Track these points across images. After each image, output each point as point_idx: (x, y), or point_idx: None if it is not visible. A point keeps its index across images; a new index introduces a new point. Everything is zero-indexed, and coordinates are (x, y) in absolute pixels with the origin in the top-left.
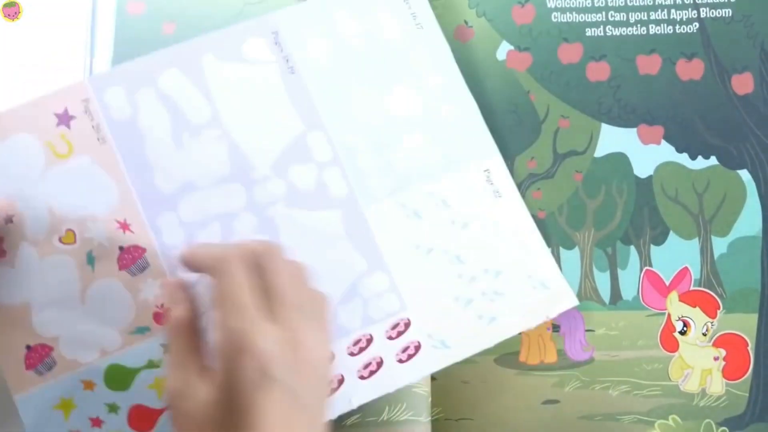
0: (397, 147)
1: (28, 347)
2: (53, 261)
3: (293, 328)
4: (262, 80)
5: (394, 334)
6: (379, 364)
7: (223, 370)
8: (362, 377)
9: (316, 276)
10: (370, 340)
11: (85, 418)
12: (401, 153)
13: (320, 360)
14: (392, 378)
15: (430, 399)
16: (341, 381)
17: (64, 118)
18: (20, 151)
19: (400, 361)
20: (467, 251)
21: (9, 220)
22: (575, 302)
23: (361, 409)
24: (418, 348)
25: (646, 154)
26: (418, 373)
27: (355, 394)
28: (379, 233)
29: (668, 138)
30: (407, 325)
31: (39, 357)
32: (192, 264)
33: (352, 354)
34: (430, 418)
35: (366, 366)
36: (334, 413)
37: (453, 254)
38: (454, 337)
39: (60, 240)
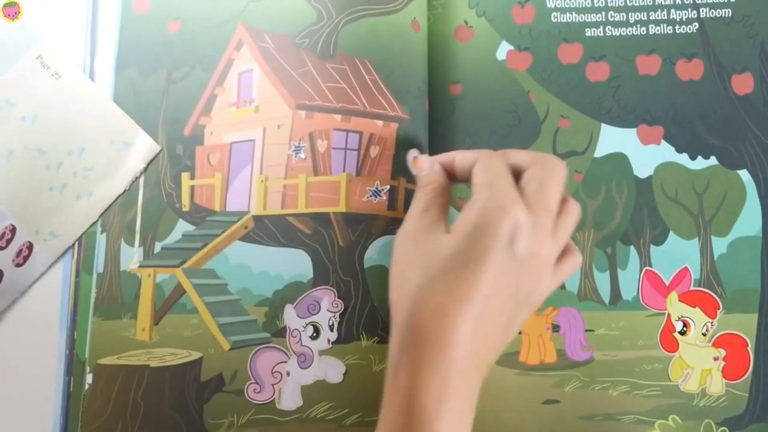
0: None
1: None
2: None
3: (541, 227)
4: None
5: (3, 243)
6: (1, 273)
7: (474, 223)
8: None
9: None
10: None
11: None
12: None
13: (549, 258)
14: (17, 283)
15: None
16: None
17: None
18: None
19: (18, 265)
20: (46, 141)
21: None
22: (157, 147)
23: (361, 408)
24: (30, 248)
25: (646, 154)
26: (38, 269)
27: None
28: None
29: (668, 138)
30: (13, 230)
31: None
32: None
33: None
34: None
35: None
36: None
37: (34, 149)
38: (62, 225)
39: None
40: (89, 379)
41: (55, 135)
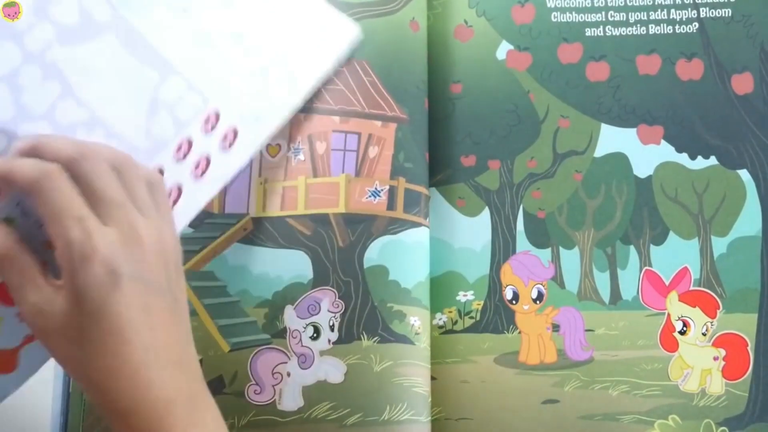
0: None
1: None
2: None
3: (127, 224)
4: None
5: (209, 127)
6: (208, 159)
7: (71, 281)
8: (197, 177)
9: (117, 101)
10: (190, 142)
11: None
12: None
13: (164, 245)
14: (225, 167)
15: (430, 399)
16: (180, 190)
17: None
18: None
19: (225, 148)
20: (243, 26)
21: None
22: (357, 32)
23: (362, 408)
24: (236, 132)
25: (646, 154)
26: (246, 154)
27: (198, 195)
28: (157, 41)
29: (668, 138)
30: (217, 115)
31: None
32: (8, 183)
33: (179, 160)
34: (430, 417)
35: (197, 166)
36: (184, 222)
37: (232, 33)
38: (265, 108)
39: None
40: None
41: (251, 20)
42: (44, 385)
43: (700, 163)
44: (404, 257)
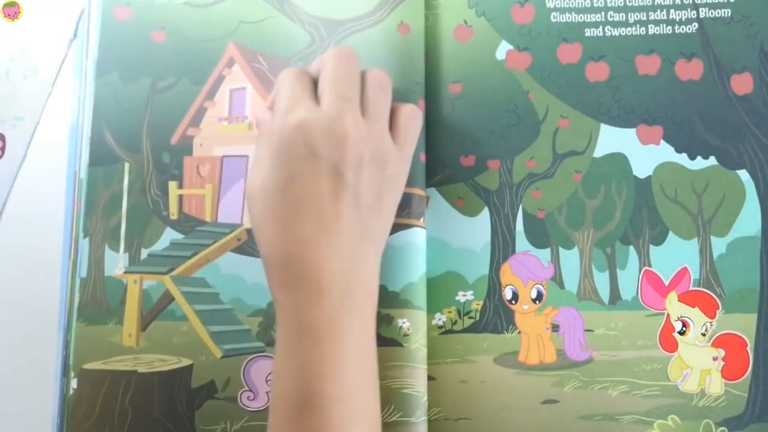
0: None
1: None
2: None
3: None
4: None
5: None
6: None
7: (272, 147)
8: None
9: None
10: None
11: None
12: None
13: (368, 134)
14: (2, 176)
15: (425, 399)
16: None
17: None
18: None
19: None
20: None
21: None
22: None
23: None
24: (3, 138)
25: (646, 154)
26: (17, 158)
27: None
28: None
29: (667, 138)
30: None
31: None
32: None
33: None
34: (424, 418)
35: None
36: None
37: None
38: (22, 107)
39: None
40: (74, 384)
41: None
42: (44, 385)
43: (700, 163)
44: (390, 261)
